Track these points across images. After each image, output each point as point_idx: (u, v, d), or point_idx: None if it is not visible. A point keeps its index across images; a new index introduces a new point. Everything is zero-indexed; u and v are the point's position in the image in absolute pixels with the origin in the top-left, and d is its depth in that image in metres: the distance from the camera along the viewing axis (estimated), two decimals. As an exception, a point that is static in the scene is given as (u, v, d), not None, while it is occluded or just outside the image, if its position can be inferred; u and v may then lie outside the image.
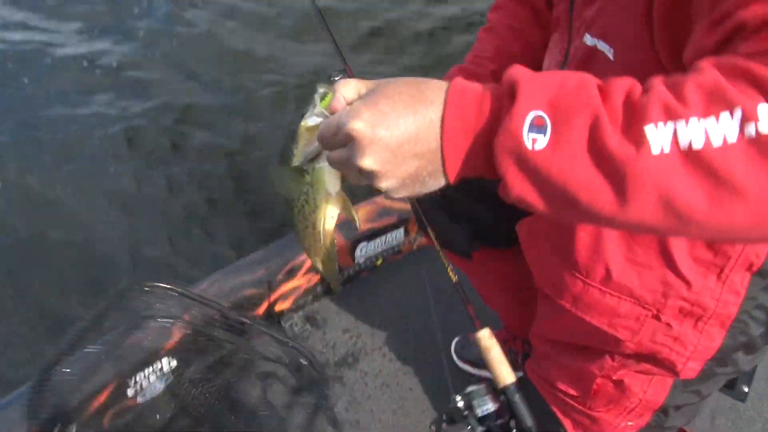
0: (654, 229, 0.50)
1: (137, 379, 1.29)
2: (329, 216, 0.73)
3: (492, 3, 1.11)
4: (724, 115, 0.43)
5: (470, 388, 0.98)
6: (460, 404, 0.97)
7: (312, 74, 3.34)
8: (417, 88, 0.54)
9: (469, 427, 0.95)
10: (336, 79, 0.65)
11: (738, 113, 0.43)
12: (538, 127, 0.49)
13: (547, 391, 1.01)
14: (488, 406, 0.96)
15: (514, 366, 0.93)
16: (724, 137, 0.43)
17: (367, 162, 0.53)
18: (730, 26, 0.49)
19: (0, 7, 4.26)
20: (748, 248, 0.73)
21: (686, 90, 0.46)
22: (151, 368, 1.32)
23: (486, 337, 0.92)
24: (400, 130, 0.52)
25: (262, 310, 1.68)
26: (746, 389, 1.02)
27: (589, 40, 0.75)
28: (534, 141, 0.49)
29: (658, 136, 0.45)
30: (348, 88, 0.58)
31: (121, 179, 2.86)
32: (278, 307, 1.72)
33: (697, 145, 0.44)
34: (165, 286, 1.27)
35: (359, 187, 0.61)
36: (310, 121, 0.65)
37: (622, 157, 0.46)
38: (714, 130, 0.44)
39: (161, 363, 1.33)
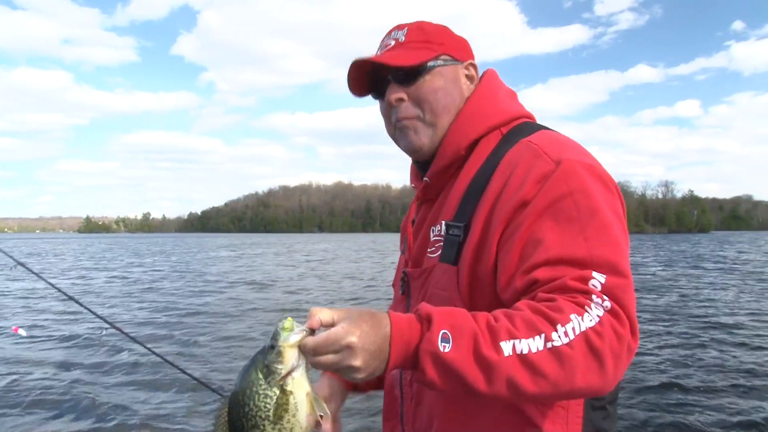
0: (510, 399, 0.87)
1: None
2: (309, 412, 0.90)
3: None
4: (537, 337, 0.86)
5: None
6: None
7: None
8: (373, 318, 0.89)
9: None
10: (285, 317, 0.90)
11: (543, 335, 0.86)
12: (445, 339, 0.87)
13: None
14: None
15: None
16: (537, 347, 0.86)
17: (357, 362, 0.86)
18: (532, 279, 0.96)
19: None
20: None
21: (517, 322, 0.88)
22: None
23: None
24: (374, 344, 0.87)
25: None
26: None
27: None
28: (444, 347, 0.86)
29: (506, 347, 0.86)
30: (324, 313, 0.89)
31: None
32: None
33: (525, 351, 0.86)
34: None
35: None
36: (292, 338, 0.87)
37: (489, 357, 0.85)
38: (531, 344, 0.86)
39: None
